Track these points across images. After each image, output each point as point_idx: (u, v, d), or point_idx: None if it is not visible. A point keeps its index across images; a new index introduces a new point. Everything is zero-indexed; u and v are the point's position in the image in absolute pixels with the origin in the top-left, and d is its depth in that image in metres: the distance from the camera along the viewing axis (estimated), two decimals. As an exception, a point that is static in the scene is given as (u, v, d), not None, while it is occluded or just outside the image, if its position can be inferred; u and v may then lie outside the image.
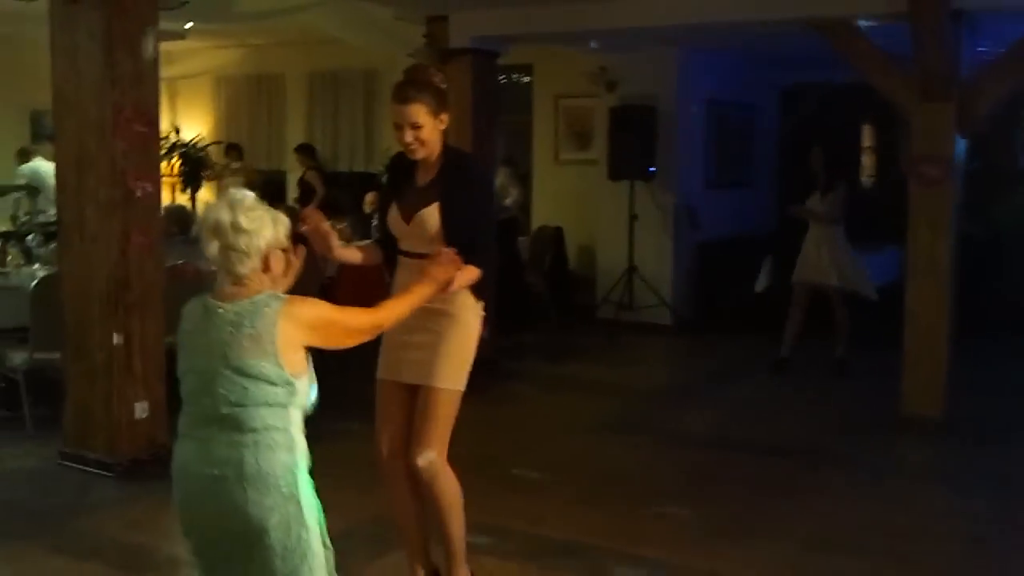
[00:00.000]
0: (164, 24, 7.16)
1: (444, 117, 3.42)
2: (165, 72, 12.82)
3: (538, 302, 9.93)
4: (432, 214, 3.43)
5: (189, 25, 9.47)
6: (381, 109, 11.84)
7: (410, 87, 3.38)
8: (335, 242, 3.43)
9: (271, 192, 12.26)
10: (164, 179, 9.62)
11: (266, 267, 2.59)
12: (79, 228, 5.32)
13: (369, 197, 10.24)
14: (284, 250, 2.64)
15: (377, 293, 3.30)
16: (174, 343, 2.70)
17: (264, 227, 2.56)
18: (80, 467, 5.38)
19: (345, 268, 7.64)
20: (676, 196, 9.85)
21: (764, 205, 11.32)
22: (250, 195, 2.60)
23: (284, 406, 2.54)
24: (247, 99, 13.09)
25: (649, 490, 5.25)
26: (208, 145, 9.15)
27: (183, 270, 6.52)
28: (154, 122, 5.37)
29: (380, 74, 11.78)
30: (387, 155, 11.30)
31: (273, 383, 2.51)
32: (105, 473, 5.30)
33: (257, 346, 2.49)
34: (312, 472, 2.65)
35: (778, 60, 10.48)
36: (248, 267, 2.56)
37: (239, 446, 2.50)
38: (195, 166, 8.80)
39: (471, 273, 3.37)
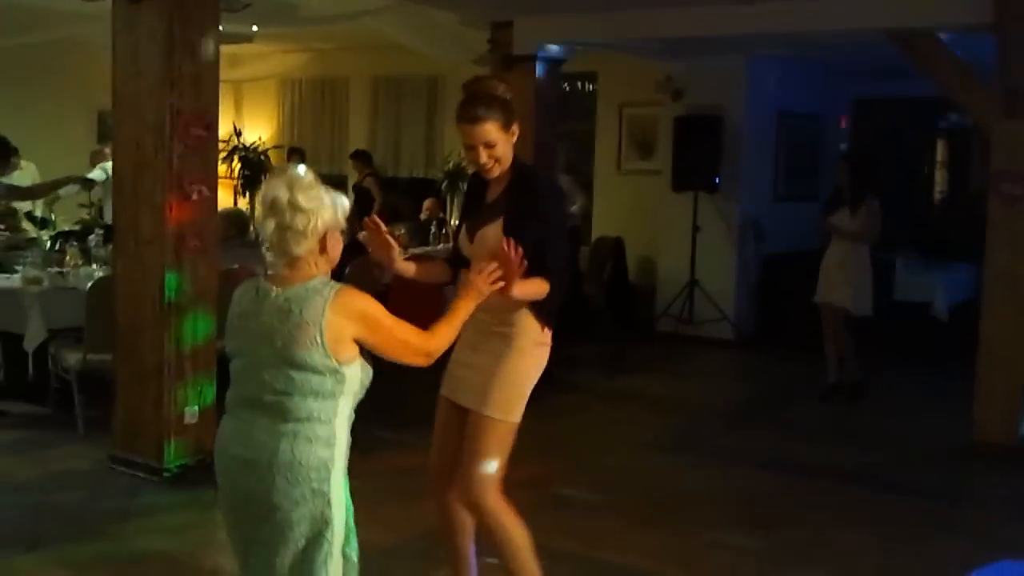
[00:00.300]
0: (230, 27, 7.16)
1: (515, 129, 3.25)
2: (231, 75, 13.11)
3: (596, 313, 9.75)
4: (495, 231, 3.21)
5: (255, 28, 9.49)
6: (443, 115, 11.78)
7: (478, 105, 3.19)
8: (396, 253, 3.26)
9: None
10: (224, 182, 9.64)
11: (323, 248, 2.51)
12: (134, 230, 5.28)
13: (427, 203, 10.18)
14: (342, 232, 2.56)
15: (430, 310, 3.19)
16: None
17: (323, 207, 2.49)
18: (129, 471, 5.34)
19: (400, 279, 7.57)
20: (741, 208, 9.62)
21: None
22: (309, 173, 2.52)
23: (332, 396, 2.48)
24: (311, 103, 13.11)
25: (707, 514, 5.06)
26: (269, 149, 9.11)
27: (238, 275, 6.45)
28: (212, 126, 5.32)
29: (444, 80, 11.73)
30: (448, 161, 11.31)
31: (320, 372, 2.45)
32: (153, 478, 5.25)
33: (305, 335, 2.43)
34: (350, 475, 2.57)
35: (850, 71, 10.19)
36: (304, 248, 2.48)
37: (278, 434, 2.46)
38: (256, 169, 8.78)
39: (536, 285, 3.13)
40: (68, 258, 6.95)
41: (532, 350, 3.27)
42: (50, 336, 6.26)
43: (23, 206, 9.81)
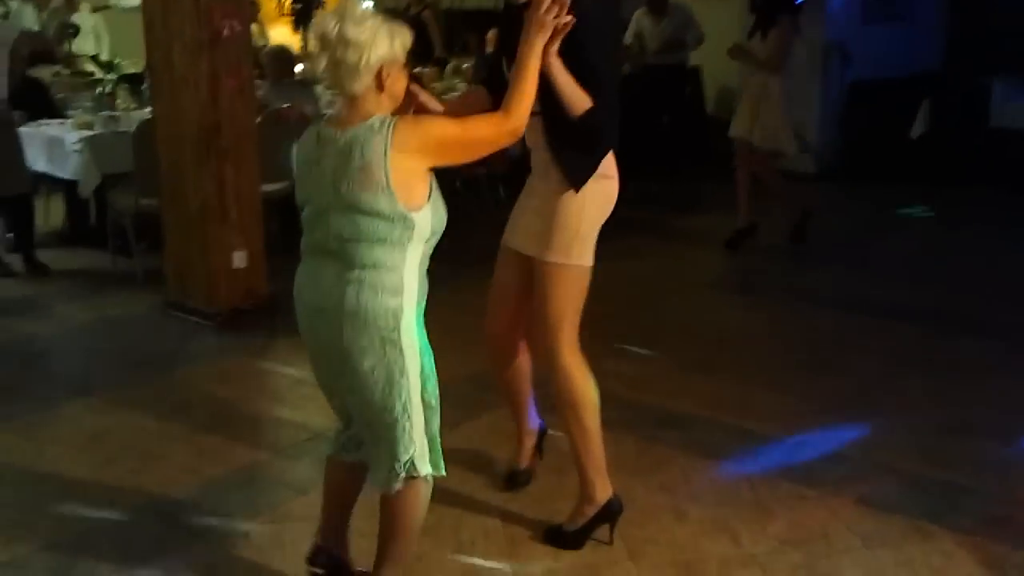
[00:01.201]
0: None
1: None
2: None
3: (671, 148, 9.35)
4: None
5: None
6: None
7: None
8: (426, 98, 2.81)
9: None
10: (276, 17, 9.34)
11: (380, 85, 2.38)
12: (168, 70, 5.09)
13: (490, 35, 9.72)
14: (404, 66, 2.41)
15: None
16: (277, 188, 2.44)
17: (377, 40, 2.34)
18: (183, 316, 5.30)
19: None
20: (825, 31, 8.96)
21: (928, 42, 10.23)
22: (363, 4, 2.37)
23: (400, 243, 2.39)
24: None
25: (766, 358, 4.82)
26: (319, -20, 8.78)
27: (286, 114, 6.26)
28: (240, -46, 5.01)
29: None
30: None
31: (387, 218, 2.35)
32: (206, 323, 5.21)
33: (368, 178, 2.33)
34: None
35: None
36: (359, 85, 2.36)
37: (344, 282, 2.39)
38: (307, 2, 8.42)
39: (580, 96, 2.75)
40: (119, 101, 6.83)
41: (590, 184, 2.94)
42: (107, 181, 6.20)
43: (85, 47, 9.71)
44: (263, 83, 6.87)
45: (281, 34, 9.61)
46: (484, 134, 2.50)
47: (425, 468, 2.55)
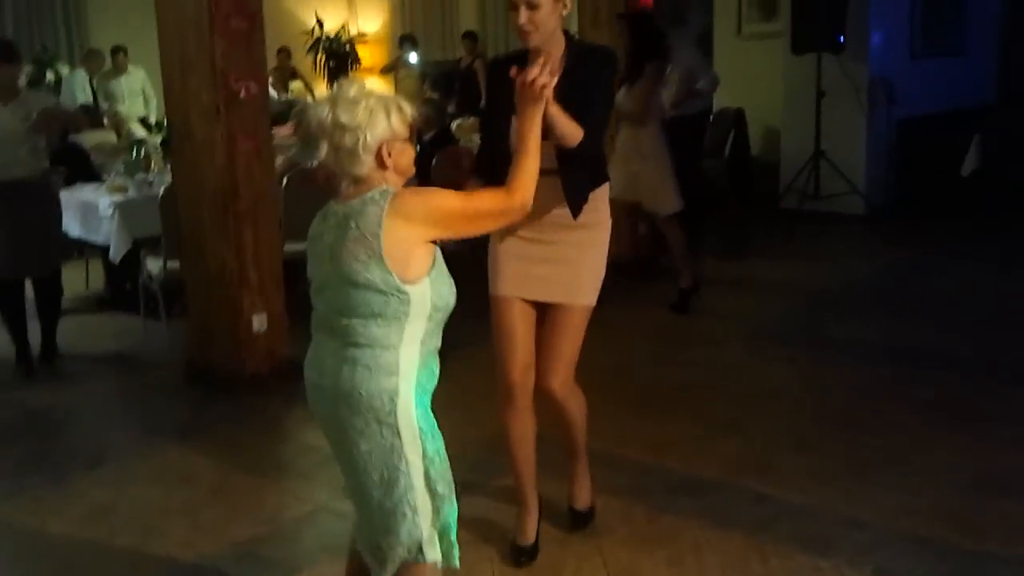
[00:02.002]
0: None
1: (567, 1, 2.97)
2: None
3: (717, 192, 9.18)
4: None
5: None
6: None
7: None
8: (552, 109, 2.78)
9: (447, 85, 11.97)
10: (313, 78, 9.42)
11: (383, 164, 2.34)
12: (187, 134, 5.11)
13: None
14: (410, 139, 2.39)
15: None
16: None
17: (373, 120, 2.31)
18: (204, 381, 5.28)
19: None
20: (870, 69, 8.76)
21: (981, 76, 9.97)
22: (357, 85, 2.37)
23: (396, 319, 2.30)
24: (420, -14, 12.74)
25: (793, 416, 4.61)
26: (353, 38, 8.79)
27: (315, 175, 6.24)
28: (254, 16, 5.01)
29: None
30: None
31: (381, 291, 2.28)
32: (226, 389, 5.17)
33: (362, 249, 2.28)
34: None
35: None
36: (362, 167, 2.33)
37: (340, 359, 2.33)
38: (341, 60, 8.47)
39: (575, 128, 2.89)
40: (153, 164, 6.91)
41: (606, 225, 3.24)
42: (141, 245, 6.25)
43: (133, 110, 9.90)
44: (295, 141, 6.91)
45: (325, 92, 9.70)
46: (490, 207, 2.49)
47: (433, 554, 2.42)
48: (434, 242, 2.38)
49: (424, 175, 6.95)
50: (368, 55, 12.95)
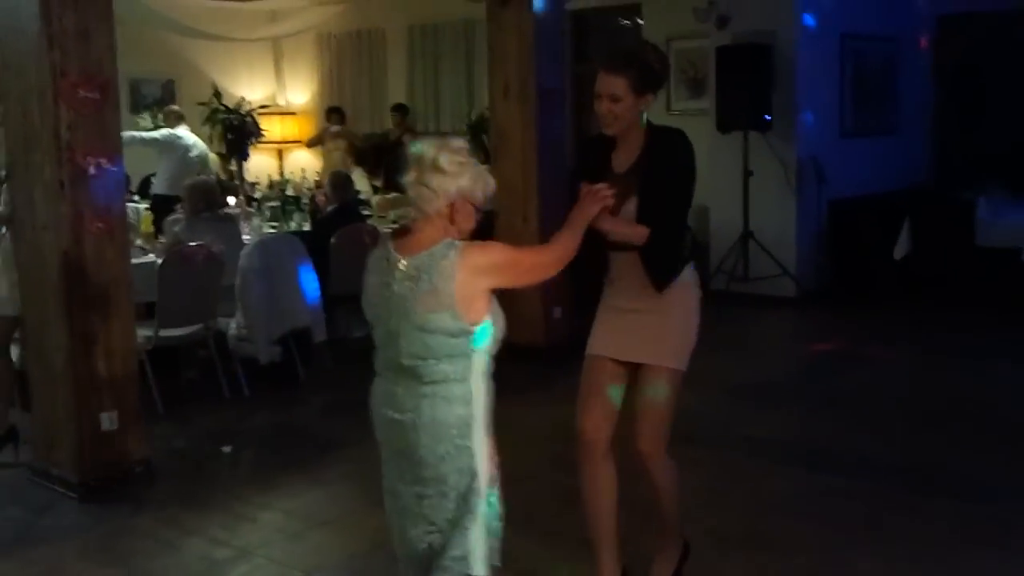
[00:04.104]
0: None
1: (649, 98, 3.25)
2: (269, 31, 12.45)
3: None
4: (633, 205, 3.24)
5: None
6: (483, 63, 10.89)
7: (620, 58, 3.28)
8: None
9: (376, 158, 11.59)
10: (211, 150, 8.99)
11: (451, 216, 2.56)
12: (31, 213, 4.62)
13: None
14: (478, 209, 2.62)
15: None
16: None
17: (462, 175, 2.55)
18: (46, 484, 4.74)
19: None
20: (798, 148, 8.49)
21: (917, 156, 9.76)
22: (463, 143, 2.63)
23: (465, 355, 2.56)
24: (349, 57, 12.43)
25: (698, 534, 4.13)
26: (252, 110, 8.39)
27: (192, 253, 5.80)
28: (106, 86, 4.58)
29: (482, 26, 10.80)
30: (470, 113, 10.41)
31: (453, 335, 2.52)
32: (69, 493, 4.63)
33: (436, 300, 2.50)
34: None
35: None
36: (433, 207, 2.55)
37: (418, 396, 2.56)
38: (239, 133, 8.08)
39: (635, 229, 3.20)
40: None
41: (691, 300, 3.41)
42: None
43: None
44: (180, 218, 6.46)
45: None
46: (540, 261, 2.84)
47: (481, 570, 2.61)
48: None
49: (321, 251, 6.52)
50: (296, 127, 12.61)
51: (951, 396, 5.95)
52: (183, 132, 8.93)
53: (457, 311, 2.50)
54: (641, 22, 10.01)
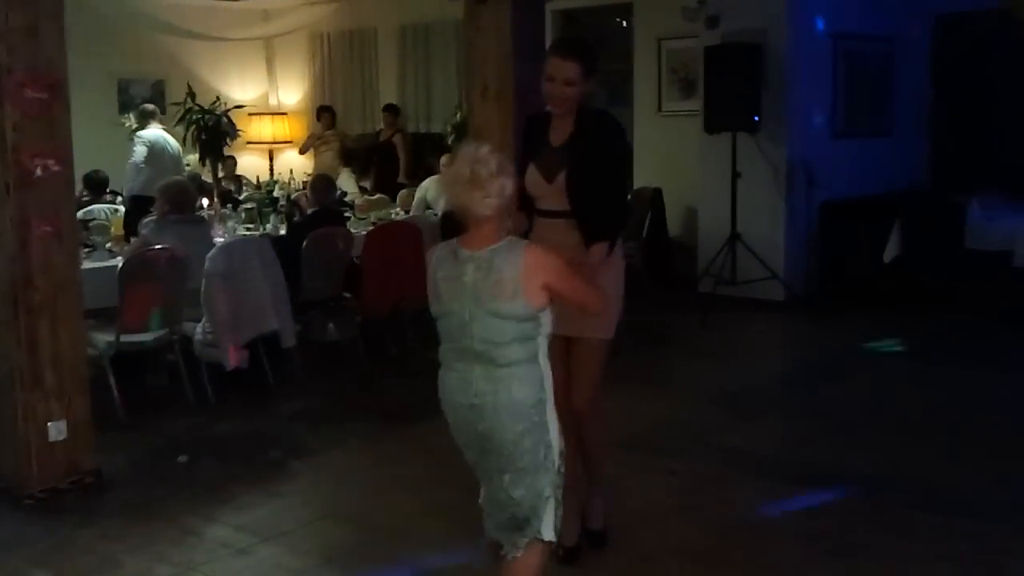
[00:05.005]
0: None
1: (591, 82, 3.61)
2: (261, 31, 12.31)
3: (633, 274, 8.63)
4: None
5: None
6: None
7: (571, 45, 3.72)
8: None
9: (366, 159, 11.45)
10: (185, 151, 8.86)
11: (502, 217, 2.82)
12: (-26, 217, 4.48)
13: (444, 159, 9.21)
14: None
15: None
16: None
17: (508, 180, 2.79)
18: (-7, 495, 4.60)
19: (369, 252, 6.68)
20: (788, 149, 8.31)
21: (911, 157, 9.56)
22: (494, 150, 2.81)
23: (532, 339, 2.83)
24: (341, 57, 12.29)
25: (660, 543, 3.99)
26: (229, 110, 8.20)
27: (155, 257, 5.65)
28: (56, 86, 4.43)
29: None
30: (456, 113, 10.24)
31: (522, 319, 2.79)
32: (13, 505, 4.48)
33: (506, 289, 2.76)
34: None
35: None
36: (492, 210, 2.77)
37: (495, 380, 2.80)
38: (214, 134, 7.90)
39: (600, 250, 3.54)
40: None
41: (618, 273, 3.72)
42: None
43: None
44: (149, 220, 6.32)
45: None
46: (584, 287, 3.03)
47: (550, 534, 2.91)
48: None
49: (296, 254, 6.37)
50: (287, 128, 12.47)
51: (938, 406, 5.77)
52: (154, 133, 8.76)
53: (524, 298, 2.77)
54: (626, 24, 9.87)
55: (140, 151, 8.62)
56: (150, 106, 8.99)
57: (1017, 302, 7.01)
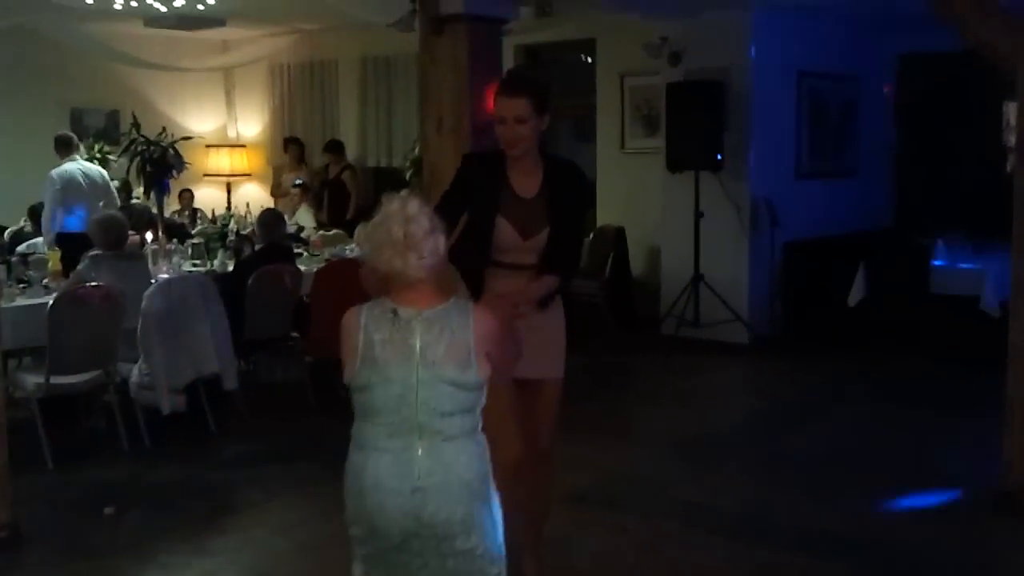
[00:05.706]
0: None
1: (546, 117, 3.42)
2: (221, 61, 12.10)
3: (596, 316, 8.45)
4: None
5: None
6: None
7: (519, 80, 3.60)
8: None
9: (319, 194, 11.19)
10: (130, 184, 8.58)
11: (439, 275, 2.61)
12: None
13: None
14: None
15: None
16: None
17: (439, 240, 2.57)
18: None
19: (318, 290, 6.45)
20: (751, 189, 8.17)
21: (876, 198, 9.48)
22: (423, 203, 2.58)
23: (475, 409, 2.60)
24: (301, 88, 12.08)
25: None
26: (175, 142, 7.92)
27: (88, 294, 5.38)
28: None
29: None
30: (414, 148, 10.04)
31: (471, 389, 2.56)
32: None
33: (459, 353, 2.54)
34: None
35: (891, 22, 8.63)
36: (428, 270, 2.55)
37: (441, 455, 2.52)
38: (159, 165, 7.61)
39: (550, 283, 3.45)
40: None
41: (560, 307, 3.61)
42: None
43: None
44: (86, 255, 6.04)
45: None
46: (508, 360, 2.88)
47: None
48: None
49: (239, 295, 6.13)
50: (246, 160, 12.23)
51: (906, 455, 5.59)
52: (66, 168, 7.99)
53: (476, 365, 2.55)
54: (590, 60, 9.73)
55: (52, 195, 7.82)
56: (65, 134, 8.29)
57: (984, 346, 6.85)
